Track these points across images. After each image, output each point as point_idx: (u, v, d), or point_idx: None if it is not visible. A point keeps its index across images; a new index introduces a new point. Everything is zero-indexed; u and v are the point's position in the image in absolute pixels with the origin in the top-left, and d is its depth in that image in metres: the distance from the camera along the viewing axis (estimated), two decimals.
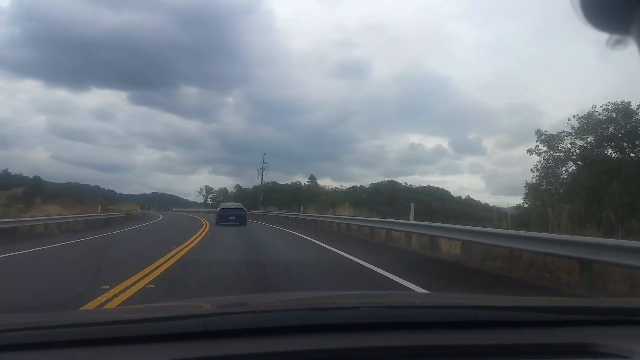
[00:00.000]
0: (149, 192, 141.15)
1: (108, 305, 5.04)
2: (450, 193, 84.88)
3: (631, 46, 0.82)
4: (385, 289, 6.48)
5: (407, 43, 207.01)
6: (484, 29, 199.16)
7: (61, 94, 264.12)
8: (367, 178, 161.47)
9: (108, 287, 5.98)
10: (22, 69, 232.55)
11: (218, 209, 28.71)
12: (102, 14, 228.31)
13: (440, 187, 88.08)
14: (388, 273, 7.86)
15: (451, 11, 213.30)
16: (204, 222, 27.35)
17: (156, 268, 8.00)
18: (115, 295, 5.60)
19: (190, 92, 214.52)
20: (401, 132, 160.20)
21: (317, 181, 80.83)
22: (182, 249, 11.44)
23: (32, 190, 42.95)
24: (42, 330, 1.32)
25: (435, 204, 63.91)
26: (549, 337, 1.36)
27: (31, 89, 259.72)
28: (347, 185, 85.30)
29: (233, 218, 25.76)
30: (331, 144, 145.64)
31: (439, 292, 6.19)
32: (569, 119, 23.14)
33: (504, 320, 1.48)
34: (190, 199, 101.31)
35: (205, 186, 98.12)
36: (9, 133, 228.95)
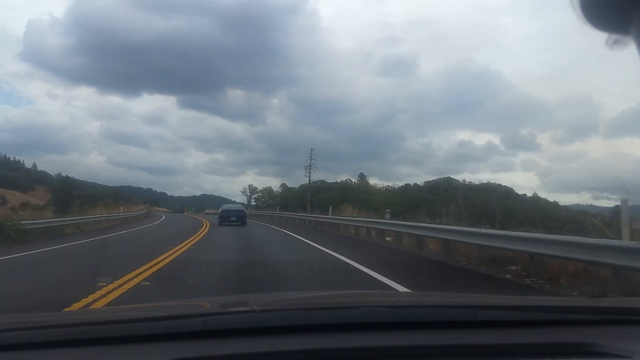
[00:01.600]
0: (198, 193, 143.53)
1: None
2: (514, 190, 77.93)
3: (630, 46, 0.83)
4: None
5: (454, 37, 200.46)
6: (534, 21, 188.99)
7: (114, 100, 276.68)
8: (414, 177, 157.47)
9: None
10: (77, 76, 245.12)
11: (220, 210, 30.23)
12: (152, 19, 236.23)
13: (502, 184, 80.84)
14: None
15: (499, 3, 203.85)
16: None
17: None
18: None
19: (236, 95, 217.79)
20: (449, 129, 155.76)
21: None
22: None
23: (63, 192, 41.94)
24: (42, 329, 1.33)
25: (501, 203, 57.95)
26: (548, 337, 1.36)
27: (86, 95, 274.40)
28: (398, 184, 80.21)
29: (234, 219, 27.25)
30: (377, 143, 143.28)
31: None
32: None
33: (503, 319, 1.47)
34: (237, 200, 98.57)
35: (249, 185, 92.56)
36: (66, 139, 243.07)
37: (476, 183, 79.13)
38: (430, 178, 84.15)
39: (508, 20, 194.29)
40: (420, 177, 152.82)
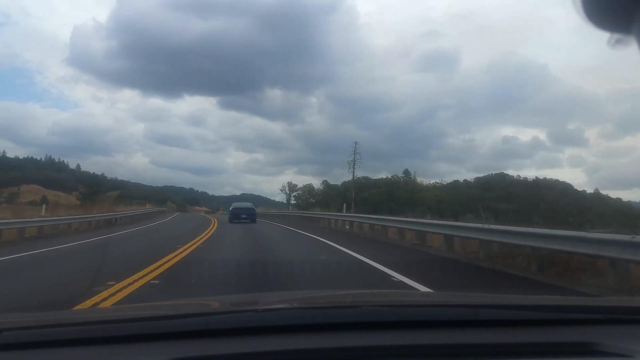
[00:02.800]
0: (238, 193, 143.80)
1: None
2: (572, 187, 72.06)
3: (632, 45, 0.83)
4: None
5: (497, 31, 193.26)
6: None
7: (156, 102, 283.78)
8: (455, 174, 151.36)
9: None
10: (121, 79, 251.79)
11: (231, 208, 30.91)
12: (191, 22, 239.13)
13: (560, 180, 74.87)
14: None
15: None
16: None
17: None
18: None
19: (275, 95, 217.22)
20: (493, 125, 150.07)
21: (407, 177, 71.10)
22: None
23: (94, 190, 41.06)
24: (43, 329, 1.33)
25: (565, 201, 52.79)
26: (550, 336, 1.35)
27: (129, 98, 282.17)
28: (445, 181, 75.32)
29: (244, 216, 27.88)
30: (417, 140, 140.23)
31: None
32: None
33: (505, 319, 1.46)
34: (277, 199, 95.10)
35: (288, 183, 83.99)
36: (111, 140, 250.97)
37: (531, 179, 73.55)
38: (473, 175, 79.32)
39: (555, 11, 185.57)
40: (461, 175, 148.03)
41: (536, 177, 75.61)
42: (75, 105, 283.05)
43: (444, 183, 70.70)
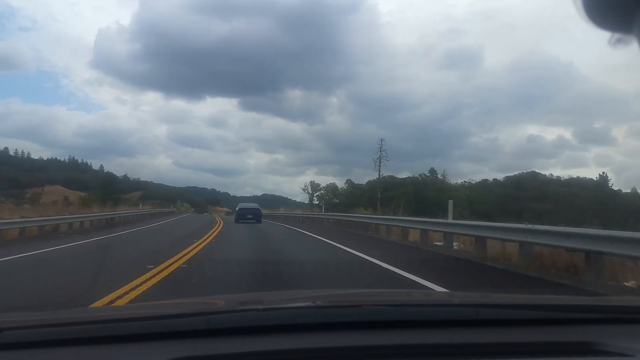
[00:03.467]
0: (259, 193, 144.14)
1: None
2: (608, 185, 68.70)
3: (633, 45, 0.84)
4: None
5: (521, 28, 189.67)
6: None
7: (179, 104, 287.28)
8: (478, 174, 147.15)
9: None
10: (144, 81, 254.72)
11: (237, 209, 31.59)
12: (213, 23, 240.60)
13: (595, 178, 71.48)
14: None
15: None
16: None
17: None
18: None
19: (295, 95, 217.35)
20: (517, 124, 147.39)
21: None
22: None
23: (108, 190, 41.01)
24: (45, 328, 1.33)
25: (604, 202, 50.03)
26: (551, 336, 1.35)
27: (153, 100, 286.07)
28: (473, 180, 72.62)
29: (250, 216, 28.46)
30: (439, 139, 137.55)
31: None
32: None
33: (506, 318, 1.46)
34: (298, 199, 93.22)
35: (311, 182, 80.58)
36: (135, 142, 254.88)
37: (564, 178, 70.54)
38: (497, 175, 76.48)
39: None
40: (485, 174, 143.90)
41: (571, 177, 72.65)
42: (100, 108, 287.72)
43: (473, 182, 68.30)
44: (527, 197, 51.89)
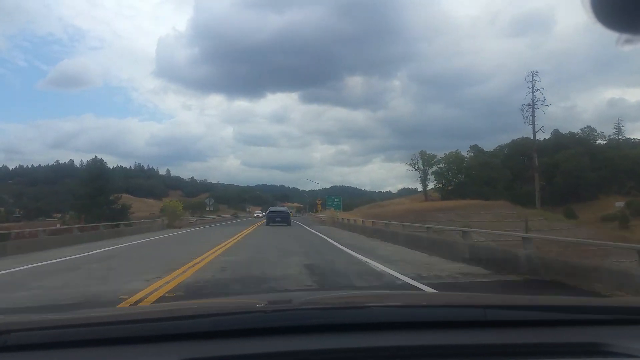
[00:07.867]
0: (328, 186, 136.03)
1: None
2: None
3: None
4: None
5: None
6: None
7: (241, 104, 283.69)
8: None
9: None
10: (206, 85, 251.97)
11: (267, 212, 36.85)
12: (268, 18, 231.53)
13: None
14: None
15: None
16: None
17: None
18: None
19: (355, 82, 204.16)
20: (595, 88, 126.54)
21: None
22: None
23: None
24: (53, 330, 1.34)
25: None
26: (557, 337, 1.35)
27: (216, 103, 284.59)
28: None
29: (279, 219, 31.79)
30: (510, 113, 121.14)
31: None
32: None
33: (513, 319, 1.46)
34: (366, 189, 79.45)
35: (421, 152, 62.96)
36: (204, 146, 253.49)
37: None
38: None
39: None
40: None
41: None
42: (169, 116, 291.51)
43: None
44: None
